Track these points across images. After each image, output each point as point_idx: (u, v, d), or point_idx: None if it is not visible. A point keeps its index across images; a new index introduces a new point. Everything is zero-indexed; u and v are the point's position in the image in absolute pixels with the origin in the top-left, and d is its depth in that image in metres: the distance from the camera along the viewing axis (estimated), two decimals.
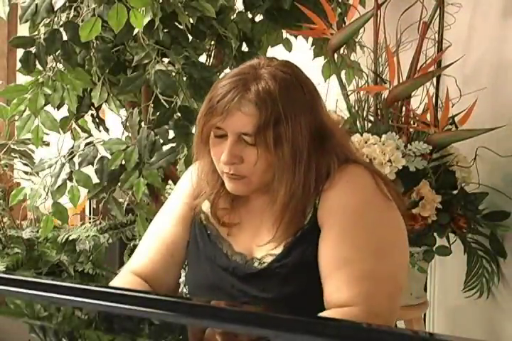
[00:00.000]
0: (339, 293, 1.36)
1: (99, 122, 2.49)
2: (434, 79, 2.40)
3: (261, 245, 1.46)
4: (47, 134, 2.37)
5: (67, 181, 2.26)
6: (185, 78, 2.18)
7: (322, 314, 1.36)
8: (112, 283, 1.60)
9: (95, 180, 2.27)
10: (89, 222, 2.69)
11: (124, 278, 1.56)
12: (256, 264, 1.46)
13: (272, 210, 1.45)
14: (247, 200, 1.53)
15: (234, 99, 1.39)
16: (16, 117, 2.31)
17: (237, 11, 2.39)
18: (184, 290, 1.56)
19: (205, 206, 1.56)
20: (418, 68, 2.29)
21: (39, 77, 2.26)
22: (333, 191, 1.42)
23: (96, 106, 2.38)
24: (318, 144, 1.43)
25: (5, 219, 2.70)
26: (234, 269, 1.48)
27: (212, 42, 2.40)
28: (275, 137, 1.38)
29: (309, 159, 1.42)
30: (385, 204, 1.43)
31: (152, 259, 1.56)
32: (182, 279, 1.57)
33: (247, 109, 1.39)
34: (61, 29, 2.19)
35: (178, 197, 1.61)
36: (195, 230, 1.56)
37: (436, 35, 2.41)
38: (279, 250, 1.44)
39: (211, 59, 2.44)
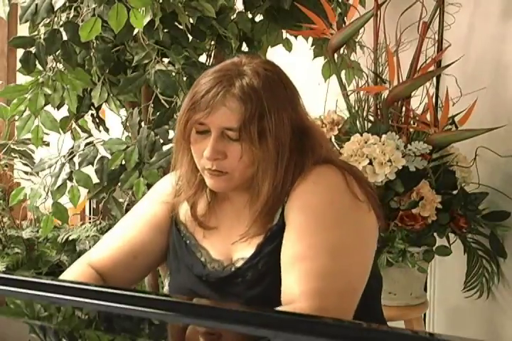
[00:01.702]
0: (290, 289, 1.35)
1: (99, 122, 2.49)
2: (434, 79, 2.40)
3: (234, 242, 1.46)
4: (47, 134, 2.37)
5: (67, 181, 2.26)
6: (185, 78, 2.18)
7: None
8: (66, 272, 1.59)
9: (95, 180, 2.27)
10: (89, 222, 2.70)
11: (80, 269, 1.56)
12: (232, 269, 1.47)
13: (251, 208, 1.45)
14: (224, 203, 1.53)
15: (218, 94, 1.40)
16: (16, 117, 2.31)
17: (237, 11, 2.38)
18: None
19: (183, 215, 1.56)
20: (418, 68, 2.29)
21: (39, 77, 2.26)
22: (299, 191, 1.43)
23: (96, 106, 2.38)
24: (298, 141, 1.45)
25: (5, 219, 2.70)
26: (207, 276, 1.48)
27: (212, 42, 2.40)
28: (259, 131, 1.40)
29: (290, 155, 1.44)
30: (350, 204, 1.43)
31: (112, 257, 1.55)
32: (166, 288, 1.58)
33: (232, 104, 1.39)
34: (61, 29, 2.19)
35: (154, 200, 1.60)
36: (173, 240, 1.56)
37: (436, 35, 2.41)
38: (250, 253, 1.45)
39: (211, 59, 2.44)
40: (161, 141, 2.21)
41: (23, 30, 2.44)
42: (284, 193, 1.44)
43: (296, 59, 2.51)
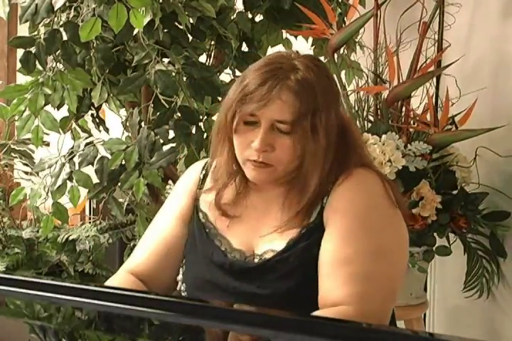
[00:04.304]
0: (336, 292, 1.36)
1: (99, 122, 2.49)
2: (434, 79, 2.40)
3: (264, 235, 1.46)
4: (47, 134, 2.37)
5: (67, 181, 2.26)
6: (185, 78, 2.18)
7: (316, 312, 1.36)
8: (108, 282, 1.60)
9: (95, 180, 2.27)
10: (89, 222, 2.69)
11: (120, 277, 1.57)
12: (256, 260, 1.46)
13: (294, 200, 1.45)
14: (252, 194, 1.52)
15: (275, 87, 1.39)
16: (16, 117, 2.31)
17: (237, 11, 2.38)
18: (182, 287, 1.56)
19: (204, 205, 1.56)
20: (418, 68, 2.29)
21: (39, 77, 2.26)
22: (342, 192, 1.43)
23: (96, 106, 2.38)
24: (342, 138, 1.46)
25: (5, 219, 2.70)
26: (230, 265, 1.47)
27: (212, 42, 2.39)
28: (311, 126, 1.40)
29: (336, 151, 1.44)
30: (390, 210, 1.44)
31: (149, 259, 1.56)
32: (180, 277, 1.57)
33: (288, 97, 1.40)
34: (61, 29, 2.19)
35: (179, 193, 1.61)
36: (193, 228, 1.56)
37: (436, 35, 2.41)
38: (281, 246, 1.44)
39: (211, 59, 2.44)
40: (161, 141, 2.21)
41: (23, 30, 2.44)
42: (324, 191, 1.44)
43: None
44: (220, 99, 2.21)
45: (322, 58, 2.53)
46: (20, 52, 2.33)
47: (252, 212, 1.52)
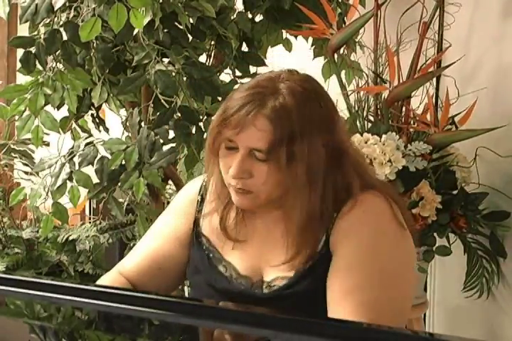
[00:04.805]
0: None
1: (99, 122, 2.49)
2: (434, 79, 2.40)
3: (273, 266, 1.42)
4: (47, 134, 2.37)
5: (67, 181, 2.26)
6: (185, 78, 2.17)
7: None
8: (99, 281, 1.60)
9: (95, 180, 2.27)
10: (89, 222, 2.69)
11: (111, 277, 1.56)
12: (264, 287, 1.43)
13: (285, 228, 1.42)
14: (253, 216, 1.49)
15: (250, 114, 1.34)
16: (16, 117, 2.31)
17: (237, 11, 2.38)
18: None
19: (205, 228, 1.53)
20: (418, 68, 2.29)
21: (39, 77, 2.26)
22: (348, 219, 1.39)
23: (96, 106, 2.38)
24: (335, 164, 1.39)
25: (5, 219, 2.70)
26: (238, 294, 1.44)
27: (212, 42, 2.39)
28: (288, 155, 1.34)
29: (325, 180, 1.38)
30: (399, 234, 1.41)
31: (139, 266, 1.54)
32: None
33: (262, 125, 1.34)
34: (61, 29, 2.19)
35: (176, 211, 1.58)
36: (194, 254, 1.53)
37: (436, 35, 2.41)
38: (290, 273, 1.41)
39: (211, 59, 2.44)
40: (161, 141, 2.20)
41: (23, 30, 2.44)
42: (326, 220, 1.40)
43: (296, 59, 2.51)
44: (220, 99, 2.21)
45: (322, 58, 2.55)
46: (20, 52, 2.33)
47: (256, 236, 1.48)
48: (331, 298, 1.36)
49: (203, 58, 2.38)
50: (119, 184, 2.22)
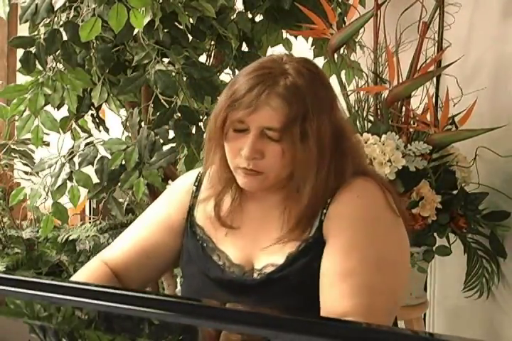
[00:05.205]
0: (340, 303, 1.34)
1: (99, 122, 2.49)
2: (434, 79, 2.40)
3: (265, 247, 1.43)
4: (47, 134, 2.37)
5: (67, 181, 2.26)
6: (185, 78, 2.18)
7: None
8: (81, 269, 1.59)
9: (95, 180, 2.27)
10: (89, 222, 2.70)
11: (94, 266, 1.55)
12: (255, 275, 1.44)
13: (291, 211, 1.42)
14: (249, 202, 1.50)
15: (263, 93, 1.35)
16: (16, 117, 2.31)
17: (237, 11, 2.39)
18: None
19: (200, 218, 1.53)
20: (418, 68, 2.29)
21: (39, 77, 2.26)
22: (342, 205, 1.40)
23: (96, 106, 2.38)
24: (337, 145, 1.41)
25: (5, 219, 2.71)
26: (229, 282, 1.45)
27: (212, 42, 2.40)
28: (302, 133, 1.36)
29: (330, 159, 1.40)
30: (392, 220, 1.42)
31: (126, 256, 1.54)
32: (178, 289, 1.57)
33: (276, 104, 1.36)
34: (61, 29, 2.19)
35: (170, 200, 1.58)
36: (187, 243, 1.53)
37: (436, 35, 2.41)
38: (281, 260, 1.41)
39: (211, 59, 2.44)
40: (161, 141, 2.21)
41: (23, 30, 2.44)
42: (322, 203, 1.41)
43: None
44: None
45: (322, 58, 2.55)
46: (20, 52, 2.33)
47: (251, 223, 1.49)
48: (326, 280, 1.37)
49: (203, 58, 2.38)
50: (119, 184, 2.22)
